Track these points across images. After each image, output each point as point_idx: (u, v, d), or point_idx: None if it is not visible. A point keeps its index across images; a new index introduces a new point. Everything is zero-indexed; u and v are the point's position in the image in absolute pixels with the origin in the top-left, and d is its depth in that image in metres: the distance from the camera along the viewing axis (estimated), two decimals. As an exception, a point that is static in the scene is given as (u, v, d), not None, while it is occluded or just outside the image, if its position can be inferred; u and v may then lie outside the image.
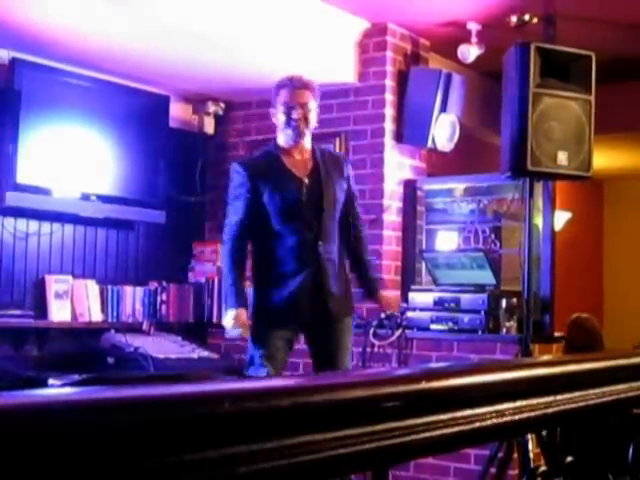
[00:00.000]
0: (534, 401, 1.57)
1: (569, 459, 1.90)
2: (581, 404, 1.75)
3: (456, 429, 1.37)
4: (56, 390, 1.09)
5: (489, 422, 1.45)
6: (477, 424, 1.42)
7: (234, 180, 4.34)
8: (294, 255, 4.27)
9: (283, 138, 4.32)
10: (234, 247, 4.31)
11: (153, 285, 6.44)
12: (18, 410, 0.86)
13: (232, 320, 4.22)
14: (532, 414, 1.57)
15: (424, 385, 1.33)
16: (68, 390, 1.04)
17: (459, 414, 1.38)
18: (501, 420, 1.48)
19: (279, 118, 4.30)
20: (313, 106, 4.32)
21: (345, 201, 4.43)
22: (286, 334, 4.33)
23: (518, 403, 1.53)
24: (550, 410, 1.62)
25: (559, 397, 1.65)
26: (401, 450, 1.28)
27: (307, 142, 4.35)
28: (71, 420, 0.88)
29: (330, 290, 4.33)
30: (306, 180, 4.30)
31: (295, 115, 4.26)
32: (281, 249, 4.26)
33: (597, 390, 1.84)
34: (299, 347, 4.55)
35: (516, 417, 1.52)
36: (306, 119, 4.28)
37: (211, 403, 1.00)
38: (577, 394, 1.75)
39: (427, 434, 1.30)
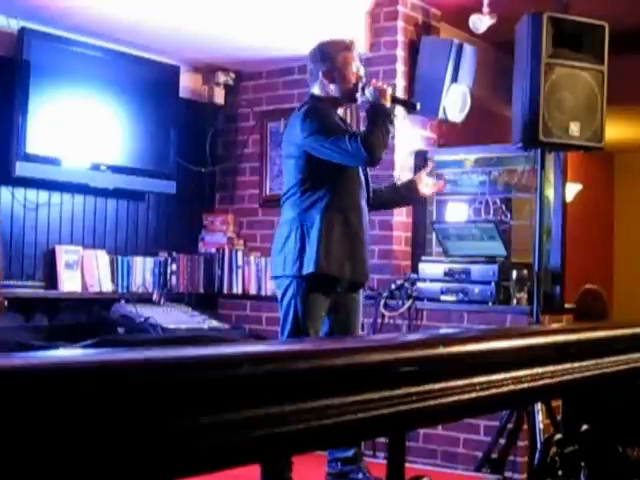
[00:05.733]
0: (551, 368, 1.57)
1: (584, 427, 1.89)
2: (597, 372, 1.74)
3: (473, 395, 1.36)
4: (73, 351, 1.08)
5: (506, 389, 1.45)
6: (494, 390, 1.42)
7: (322, 111, 4.16)
8: (351, 213, 4.13)
9: (347, 91, 4.23)
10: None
11: (163, 255, 6.44)
12: (29, 371, 0.85)
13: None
14: (549, 381, 1.56)
15: (442, 350, 1.32)
16: (84, 351, 1.03)
17: (476, 380, 1.38)
18: (518, 387, 1.48)
19: (350, 73, 4.22)
20: None
21: None
22: (326, 304, 4.12)
23: (535, 370, 1.52)
24: (567, 377, 1.61)
25: (576, 364, 1.64)
26: (419, 415, 1.28)
27: None
28: (86, 381, 0.87)
29: (366, 254, 4.26)
30: None
31: (363, 74, 4.30)
32: (344, 207, 4.10)
33: (613, 358, 1.83)
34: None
35: (533, 384, 1.51)
36: None
37: (230, 365, 0.99)
38: (593, 362, 1.74)
39: (444, 399, 1.30)
